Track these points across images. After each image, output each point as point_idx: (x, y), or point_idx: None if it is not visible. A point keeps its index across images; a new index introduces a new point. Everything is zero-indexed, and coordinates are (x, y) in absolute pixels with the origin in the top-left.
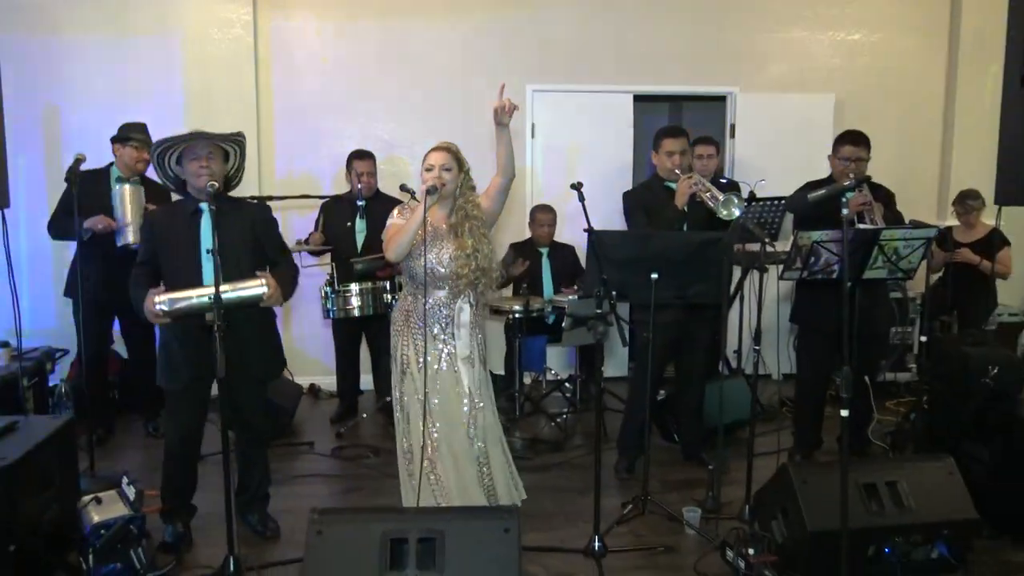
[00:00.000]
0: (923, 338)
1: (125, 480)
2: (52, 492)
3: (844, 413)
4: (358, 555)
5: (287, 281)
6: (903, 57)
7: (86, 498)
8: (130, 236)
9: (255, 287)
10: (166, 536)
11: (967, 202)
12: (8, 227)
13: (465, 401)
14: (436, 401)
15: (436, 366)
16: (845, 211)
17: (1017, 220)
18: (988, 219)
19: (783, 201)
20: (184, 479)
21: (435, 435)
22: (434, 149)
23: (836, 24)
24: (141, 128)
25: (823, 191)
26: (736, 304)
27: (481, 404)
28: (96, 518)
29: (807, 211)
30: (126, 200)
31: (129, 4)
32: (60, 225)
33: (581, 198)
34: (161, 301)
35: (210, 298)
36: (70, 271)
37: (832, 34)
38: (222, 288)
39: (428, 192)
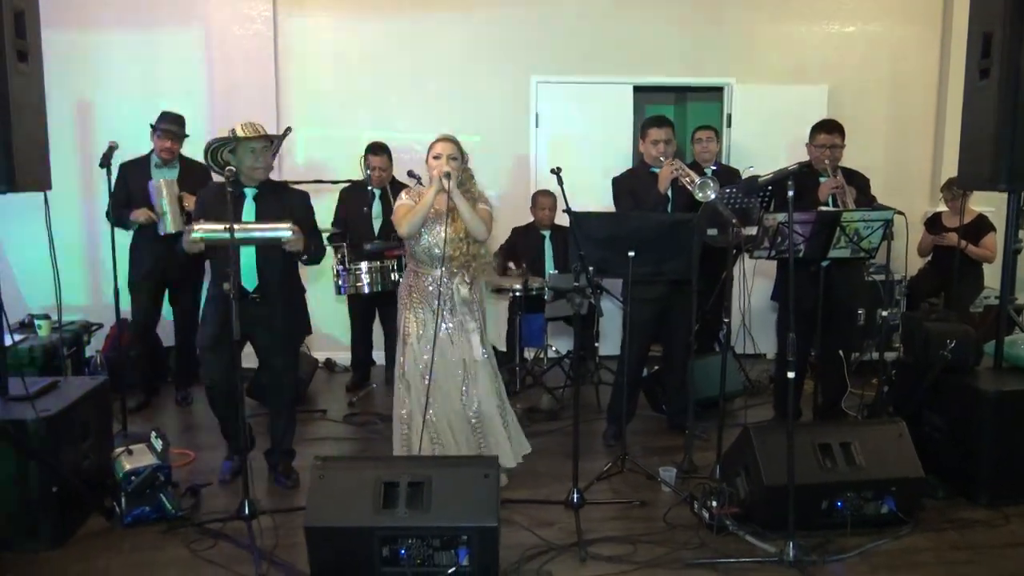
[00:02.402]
0: (884, 313)
1: (153, 434)
2: (89, 443)
3: (791, 375)
4: (355, 496)
5: (312, 239)
6: (896, 49)
7: (119, 449)
8: (169, 225)
9: (281, 229)
10: (224, 475)
11: (954, 188)
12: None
13: (459, 372)
14: (433, 369)
15: (436, 337)
16: (791, 193)
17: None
18: (979, 205)
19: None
20: (228, 420)
21: (433, 400)
22: (440, 140)
23: (831, 17)
24: (171, 118)
25: (771, 174)
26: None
27: (474, 373)
28: (128, 466)
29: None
30: (162, 192)
31: (156, 1)
32: (115, 216)
33: (560, 182)
34: (197, 230)
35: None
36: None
37: (827, 26)
38: (251, 224)
39: (446, 176)
